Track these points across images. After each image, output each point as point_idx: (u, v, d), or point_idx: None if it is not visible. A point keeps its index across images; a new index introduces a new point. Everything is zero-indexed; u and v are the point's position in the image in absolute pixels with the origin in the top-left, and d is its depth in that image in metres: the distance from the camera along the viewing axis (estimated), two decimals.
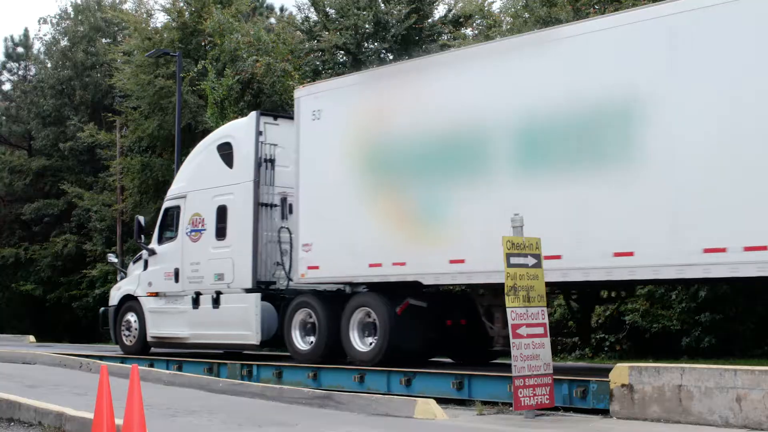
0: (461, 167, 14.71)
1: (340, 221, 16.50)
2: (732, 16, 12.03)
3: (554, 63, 13.89)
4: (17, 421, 11.23)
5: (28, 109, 47.23)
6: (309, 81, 28.87)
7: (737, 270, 11.85)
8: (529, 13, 26.08)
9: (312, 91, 17.75)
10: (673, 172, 12.39)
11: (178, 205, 20.34)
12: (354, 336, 16.49)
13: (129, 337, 21.22)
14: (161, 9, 37.65)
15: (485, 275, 14.29)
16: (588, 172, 13.20)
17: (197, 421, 11.29)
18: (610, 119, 13.05)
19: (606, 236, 12.67)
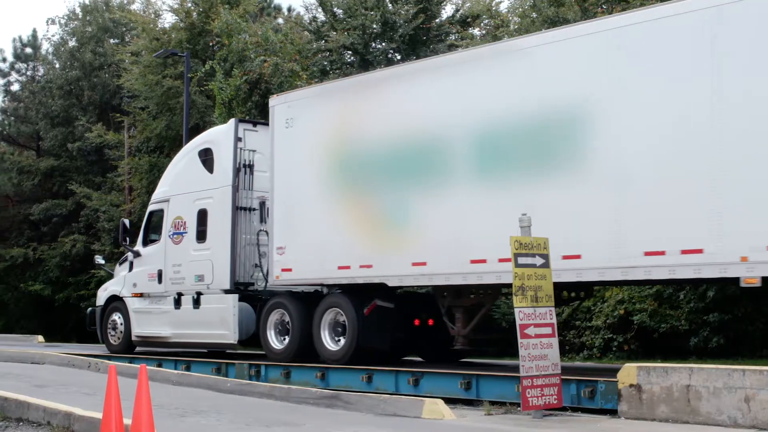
0: (421, 174, 15.40)
1: (311, 225, 17.22)
2: (672, 30, 12.69)
3: (508, 74, 14.54)
4: (26, 420, 11.27)
5: (36, 110, 47.29)
6: (317, 81, 28.91)
7: (675, 272, 12.50)
8: (536, 13, 26.07)
9: (285, 99, 18.41)
10: (617, 179, 12.99)
11: (162, 209, 20.94)
12: (325, 335, 17.15)
13: (114, 337, 21.95)
14: (169, 9, 37.76)
15: (445, 277, 15.06)
16: (539, 179, 13.81)
17: (205, 420, 11.31)
18: (559, 128, 13.65)
19: (555, 240, 12.84)
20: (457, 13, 33.62)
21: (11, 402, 11.78)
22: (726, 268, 12.02)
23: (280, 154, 18.00)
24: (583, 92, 13.49)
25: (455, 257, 14.72)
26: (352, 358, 16.51)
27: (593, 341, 21.08)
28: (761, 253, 11.58)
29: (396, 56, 32.01)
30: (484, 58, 15.31)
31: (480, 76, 14.91)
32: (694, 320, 19.85)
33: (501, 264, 13.63)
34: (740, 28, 12.07)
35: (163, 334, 20.61)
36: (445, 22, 33.23)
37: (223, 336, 19.02)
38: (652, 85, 12.86)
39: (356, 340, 16.55)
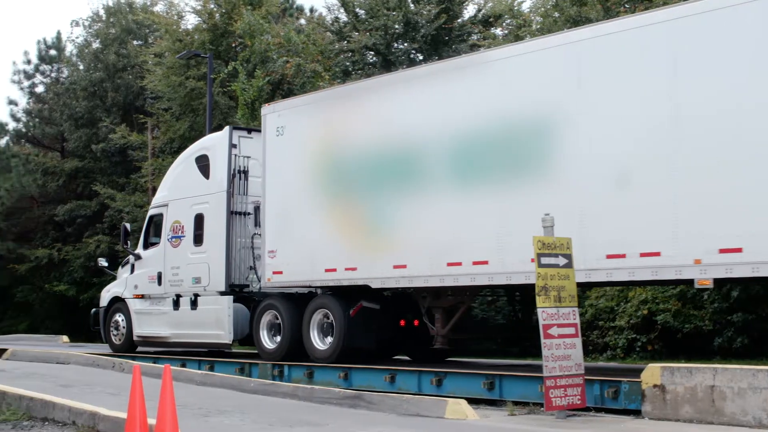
0: (401, 181, 16.02)
1: (300, 230, 17.89)
2: (632, 43, 13.20)
3: (480, 85, 15.08)
4: (51, 420, 11.34)
5: (60, 111, 47.57)
6: (339, 82, 28.95)
7: (634, 274, 13.03)
8: (559, 13, 26.02)
9: (276, 108, 19.04)
10: (581, 185, 13.50)
11: (161, 213, 21.65)
12: (314, 335, 17.79)
13: (117, 336, 22.64)
14: (192, 11, 37.94)
15: (424, 279, 15.68)
16: (509, 185, 14.40)
17: (229, 420, 11.35)
18: (528, 137, 14.21)
19: (524, 243, 13.18)
20: (479, 13, 33.60)
21: (37, 402, 11.86)
22: (681, 270, 12.55)
23: (272, 161, 18.63)
24: (550, 103, 14.02)
25: (433, 260, 15.38)
26: (339, 358, 17.11)
27: (617, 341, 21.00)
28: (713, 256, 12.09)
29: (418, 56, 32.04)
30: (458, 68, 15.87)
31: (455, 87, 15.47)
32: (718, 320, 19.74)
33: (475, 267, 14.62)
34: (697, 42, 12.52)
35: (163, 334, 21.28)
36: (467, 22, 33.22)
37: (218, 336, 19.63)
38: (614, 97, 13.35)
39: (343, 339, 17.16)
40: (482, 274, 14.67)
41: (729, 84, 12.23)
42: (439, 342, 16.80)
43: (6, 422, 11.54)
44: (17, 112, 51.92)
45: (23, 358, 22.10)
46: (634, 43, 13.22)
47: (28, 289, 47.71)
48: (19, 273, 46.26)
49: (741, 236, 11.91)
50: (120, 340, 22.51)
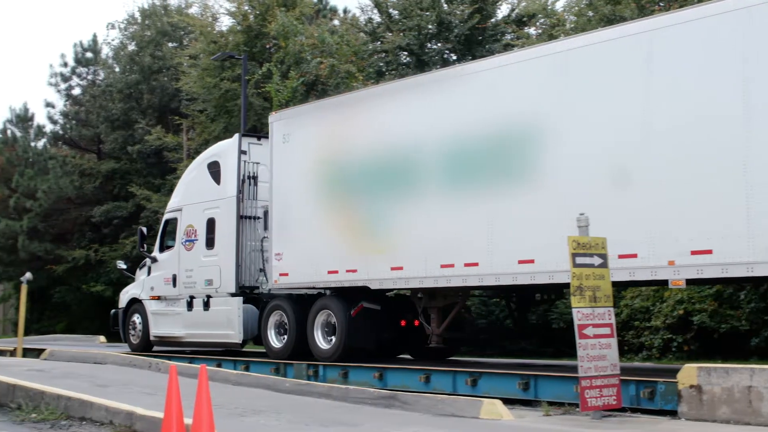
0: (398, 186, 16.76)
1: (305, 233, 18.69)
2: (609, 54, 13.88)
3: (469, 94, 15.81)
4: (89, 420, 11.43)
5: (97, 113, 47.88)
6: (373, 82, 28.99)
7: (613, 275, 12.92)
8: (592, 11, 25.90)
9: (282, 116, 19.95)
10: (562, 189, 14.13)
11: (176, 217, 22.60)
12: (318, 335, 18.53)
13: (134, 336, 23.62)
14: (226, 13, 38.03)
15: (419, 280, 16.40)
16: (498, 190, 15.05)
17: (264, 420, 11.39)
18: (514, 145, 14.89)
19: (512, 246, 14.60)
20: (513, 13, 33.52)
21: (74, 401, 11.96)
22: (656, 271, 13.12)
23: (278, 167, 19.41)
24: (533, 111, 14.68)
25: (427, 262, 16.08)
26: (341, 357, 17.85)
27: (652, 342, 20.90)
28: (686, 258, 12.65)
29: (451, 56, 32.01)
30: (448, 79, 16.55)
31: (445, 96, 16.21)
32: (755, 320, 19.60)
33: (466, 268, 15.36)
34: (668, 54, 13.21)
35: (177, 334, 22.13)
36: (501, 21, 33.15)
37: (229, 336, 20.43)
38: (592, 105, 13.96)
39: (344, 339, 17.86)
40: (473, 275, 15.38)
41: (698, 95, 12.81)
42: (435, 341, 17.48)
43: (45, 421, 11.65)
44: (54, 115, 52.31)
45: (61, 358, 22.31)
46: (610, 54, 13.87)
47: (66, 289, 48.06)
48: (56, 274, 46.61)
49: (711, 239, 12.47)
50: (137, 340, 23.42)
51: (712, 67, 12.70)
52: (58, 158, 48.82)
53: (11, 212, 49.40)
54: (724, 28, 12.59)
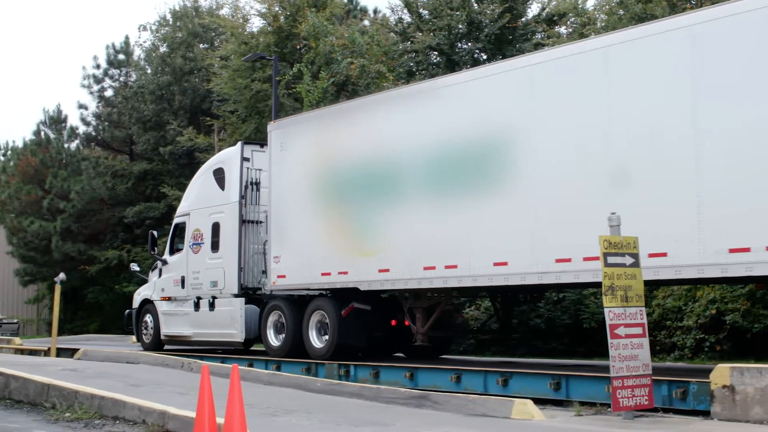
0: (385, 192, 17.59)
1: (300, 237, 19.63)
2: (572, 68, 14.61)
3: (447, 106, 16.61)
4: (122, 419, 11.51)
5: (129, 115, 48.21)
6: (403, 82, 28.99)
7: (578, 276, 14.27)
8: (623, 10, 25.77)
9: (280, 125, 20.91)
10: (532, 196, 14.90)
11: (184, 222, 23.57)
12: (312, 334, 19.41)
13: (147, 335, 24.61)
14: (257, 14, 38.17)
15: (404, 282, 17.26)
16: (474, 196, 15.82)
17: (296, 420, 11.43)
18: (488, 153, 15.67)
19: (487, 249, 15.50)
20: (543, 12, 33.41)
21: (108, 401, 12.04)
22: None
23: (276, 174, 20.39)
24: (507, 122, 15.43)
25: (411, 264, 16.96)
26: (334, 355, 18.70)
27: (684, 341, 20.78)
28: (644, 260, 12.71)
29: (482, 56, 31.95)
30: (428, 90, 17.44)
31: (426, 108, 17.02)
32: None
33: (446, 270, 16.21)
34: (625, 68, 13.89)
35: (185, 333, 23.06)
36: (531, 21, 33.04)
37: (232, 335, 21.40)
38: (558, 116, 14.69)
39: (336, 338, 18.74)
40: (453, 277, 16.21)
41: (651, 109, 13.50)
42: (420, 339, 18.44)
43: (78, 420, 11.75)
44: (87, 116, 52.76)
45: (94, 357, 22.48)
46: (573, 67, 14.60)
47: (99, 289, 48.43)
48: (89, 274, 47.00)
49: (666, 242, 13.07)
50: (149, 339, 24.39)
51: (662, 82, 13.40)
52: (90, 159, 49.22)
53: (45, 213, 49.84)
54: (672, 46, 13.35)
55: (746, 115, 12.50)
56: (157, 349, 23.52)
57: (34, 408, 13.30)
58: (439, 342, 19.93)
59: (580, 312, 23.11)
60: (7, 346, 28.20)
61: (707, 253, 12.66)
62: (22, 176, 51.78)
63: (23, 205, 50.78)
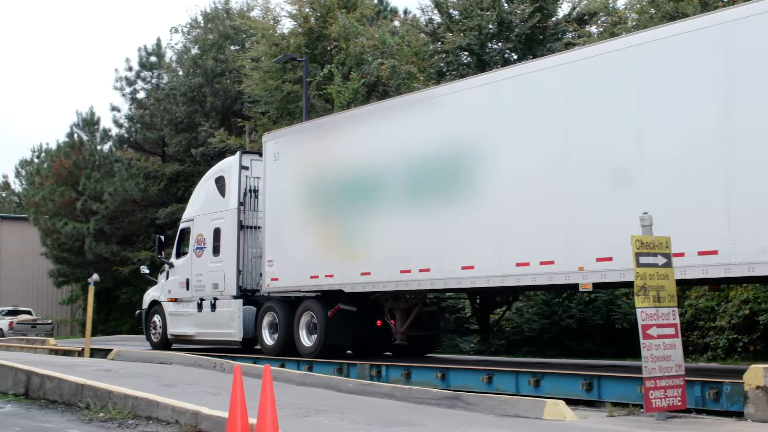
0: (367, 200, 18.57)
1: (291, 242, 20.67)
2: (534, 83, 15.47)
3: (425, 118, 17.53)
4: (155, 419, 11.58)
5: (161, 117, 48.50)
6: (434, 82, 28.98)
7: (535, 279, 15.25)
8: (655, 9, 25.62)
9: (274, 136, 21.94)
10: (496, 204, 15.85)
11: (189, 227, 24.68)
12: (302, 334, 20.43)
13: (155, 335, 25.70)
14: (288, 15, 38.26)
15: (383, 284, 18.26)
16: (444, 205, 16.78)
17: (328, 420, 11.46)
18: (458, 163, 16.55)
19: (456, 253, 16.50)
20: (574, 11, 33.29)
21: (141, 401, 12.12)
22: (569, 276, 14.65)
23: (270, 183, 21.43)
24: (479, 134, 16.30)
25: (390, 268, 17.91)
26: (321, 353, 19.70)
27: (717, 342, 20.67)
28: (593, 264, 14.19)
29: (512, 56, 31.88)
30: (408, 104, 18.47)
31: (406, 119, 17.96)
32: None
33: (421, 273, 17.21)
34: (583, 85, 14.70)
35: (189, 333, 24.19)
36: (562, 20, 32.95)
37: (231, 335, 22.53)
38: (523, 129, 15.53)
39: (324, 337, 19.72)
40: (426, 279, 17.22)
41: (601, 124, 14.35)
42: (399, 338, 19.27)
43: (112, 420, 11.83)
44: (120, 118, 53.16)
45: (127, 358, 22.64)
46: (535, 82, 15.46)
47: (132, 290, 48.71)
48: (122, 275, 47.31)
49: (611, 247, 13.82)
50: (158, 339, 25.47)
51: (612, 100, 14.27)
52: (123, 161, 49.56)
53: (78, 215, 50.27)
54: (621, 64, 14.22)
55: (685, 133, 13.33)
56: (165, 348, 24.56)
57: (69, 408, 13.41)
58: (421, 341, 20.83)
59: (612, 312, 23.03)
60: (41, 347, 28.45)
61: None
62: (56, 178, 52.27)
63: (57, 206, 51.25)
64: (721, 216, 12.67)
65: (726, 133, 12.77)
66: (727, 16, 13.15)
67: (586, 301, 23.92)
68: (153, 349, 24.64)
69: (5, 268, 63.24)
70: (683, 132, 13.30)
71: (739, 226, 12.53)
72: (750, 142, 12.55)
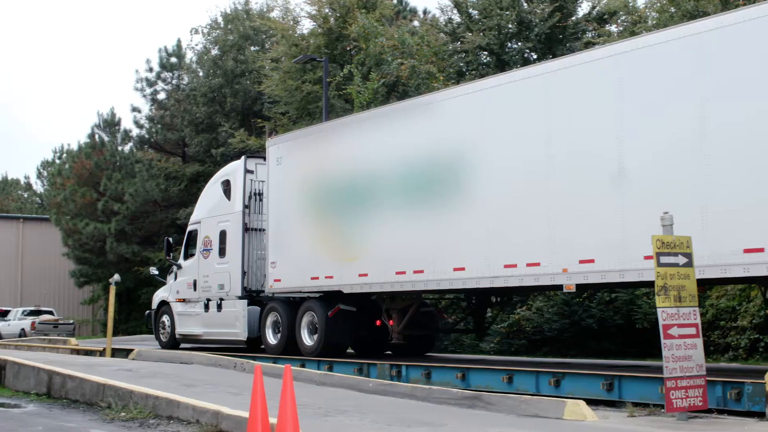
0: (364, 203, 19.16)
1: (293, 244, 21.25)
2: (515, 94, 16.09)
3: (419, 124, 18.07)
4: (176, 419, 11.65)
5: (181, 117, 48.61)
6: (453, 82, 28.96)
7: (523, 280, 15.75)
8: (675, 8, 25.52)
9: (276, 141, 22.53)
10: (485, 207, 16.41)
11: (196, 229, 25.30)
12: (304, 333, 21.02)
13: (164, 334, 26.27)
14: (307, 16, 38.34)
15: (379, 285, 18.80)
16: (438, 208, 17.36)
17: (348, 420, 11.48)
18: (447, 171, 17.17)
19: (448, 256, 17.04)
20: (594, 10, 33.19)
21: (162, 401, 12.19)
22: (554, 278, 15.17)
23: (273, 186, 22.04)
24: (467, 140, 16.90)
25: (386, 270, 18.50)
26: (322, 352, 20.29)
27: (739, 342, 20.58)
28: (576, 266, 14.70)
29: (532, 55, 31.81)
30: (404, 110, 18.96)
31: (399, 126, 18.58)
32: None
33: (415, 275, 17.77)
34: (562, 95, 15.24)
35: (197, 332, 24.74)
36: (582, 19, 32.86)
37: (236, 334, 23.07)
38: (507, 138, 16.12)
39: (324, 337, 20.30)
40: (420, 281, 17.75)
41: (589, 125, 14.76)
42: (395, 338, 19.74)
43: (133, 420, 11.90)
44: (140, 119, 53.28)
45: (148, 358, 22.75)
46: (516, 93, 16.08)
47: (152, 290, 48.52)
48: (143, 275, 47.42)
49: (593, 250, 14.46)
50: (166, 338, 26.03)
51: (591, 107, 14.79)
52: (144, 162, 49.72)
53: (99, 215, 50.47)
54: (601, 73, 14.70)
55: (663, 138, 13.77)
56: (174, 348, 25.16)
57: (90, 407, 13.50)
58: (419, 340, 21.45)
59: (633, 312, 22.95)
60: (63, 347, 28.60)
61: (626, 260, 13.97)
62: (77, 179, 52.49)
63: (78, 207, 51.47)
64: (695, 221, 12.98)
65: (699, 143, 13.20)
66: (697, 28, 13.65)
67: (606, 301, 23.86)
68: (162, 348, 25.17)
69: (27, 268, 63.63)
70: (660, 141, 13.76)
71: (712, 229, 12.93)
72: (722, 154, 12.97)
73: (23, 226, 65.48)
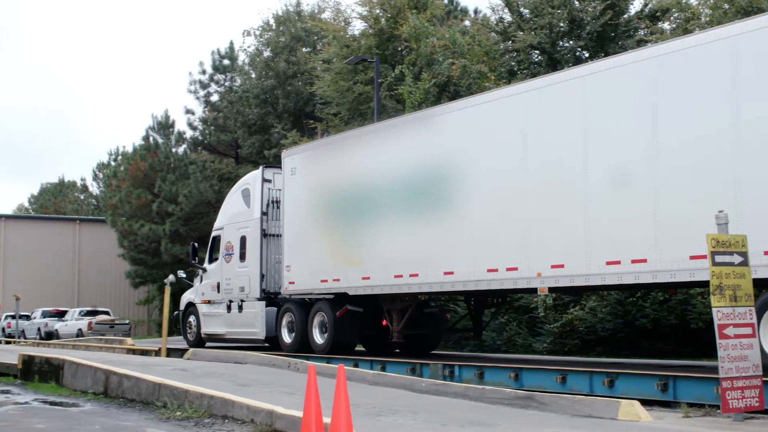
0: (368, 211, 20.66)
1: (305, 249, 22.88)
2: (500, 110, 17.50)
3: (420, 136, 19.48)
4: (231, 418, 11.75)
5: (234, 119, 48.96)
6: (504, 82, 28.87)
7: (503, 284, 17.23)
8: (728, 4, 25.20)
9: (291, 153, 24.36)
10: (470, 217, 17.88)
11: (219, 235, 26.88)
12: (315, 333, 22.58)
13: (191, 334, 27.89)
14: (358, 17, 38.43)
15: (380, 288, 20.29)
16: (431, 217, 18.85)
17: (401, 420, 11.51)
18: (439, 182, 18.64)
19: (439, 260, 18.52)
20: (646, 8, 32.85)
21: (217, 400, 12.30)
22: (530, 281, 16.53)
23: (288, 195, 23.71)
24: (455, 154, 18.34)
25: (386, 273, 19.97)
26: (332, 350, 21.79)
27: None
28: (548, 271, 16.06)
29: (584, 54, 31.59)
30: (401, 124, 20.47)
31: (399, 139, 20.02)
32: None
33: (411, 278, 19.25)
34: (539, 113, 16.56)
35: (220, 332, 26.30)
36: (634, 17, 32.52)
37: (255, 333, 24.62)
38: (492, 152, 17.48)
39: (333, 335, 21.83)
40: (415, 283, 19.25)
41: (559, 139, 16.09)
42: (395, 337, 21.26)
43: (189, 419, 12.03)
44: (194, 121, 53.74)
45: (203, 357, 22.97)
46: (500, 110, 17.42)
47: None
48: None
49: (563, 256, 15.82)
50: (193, 337, 27.60)
51: (563, 125, 16.05)
52: (197, 163, 50.14)
53: (154, 216, 50.99)
54: (569, 91, 16.00)
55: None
56: (200, 346, 26.53)
57: (146, 407, 13.66)
58: (421, 340, 22.68)
59: (687, 312, 22.71)
60: (119, 347, 28.98)
61: (592, 265, 15.34)
62: (132, 180, 53.06)
63: (133, 208, 52.03)
64: (648, 231, 14.41)
65: (654, 154, 14.45)
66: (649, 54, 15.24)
67: (660, 301, 23.63)
68: (189, 347, 26.13)
69: (84, 269, 64.52)
70: (621, 155, 15.05)
71: (663, 237, 14.22)
72: (672, 168, 14.23)
73: (80, 228, 66.42)
